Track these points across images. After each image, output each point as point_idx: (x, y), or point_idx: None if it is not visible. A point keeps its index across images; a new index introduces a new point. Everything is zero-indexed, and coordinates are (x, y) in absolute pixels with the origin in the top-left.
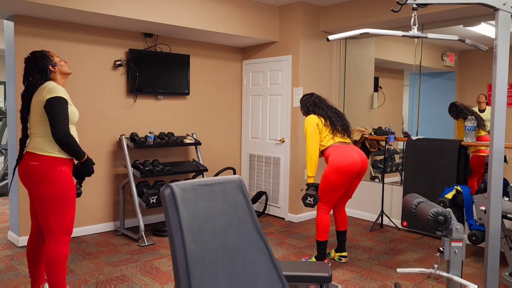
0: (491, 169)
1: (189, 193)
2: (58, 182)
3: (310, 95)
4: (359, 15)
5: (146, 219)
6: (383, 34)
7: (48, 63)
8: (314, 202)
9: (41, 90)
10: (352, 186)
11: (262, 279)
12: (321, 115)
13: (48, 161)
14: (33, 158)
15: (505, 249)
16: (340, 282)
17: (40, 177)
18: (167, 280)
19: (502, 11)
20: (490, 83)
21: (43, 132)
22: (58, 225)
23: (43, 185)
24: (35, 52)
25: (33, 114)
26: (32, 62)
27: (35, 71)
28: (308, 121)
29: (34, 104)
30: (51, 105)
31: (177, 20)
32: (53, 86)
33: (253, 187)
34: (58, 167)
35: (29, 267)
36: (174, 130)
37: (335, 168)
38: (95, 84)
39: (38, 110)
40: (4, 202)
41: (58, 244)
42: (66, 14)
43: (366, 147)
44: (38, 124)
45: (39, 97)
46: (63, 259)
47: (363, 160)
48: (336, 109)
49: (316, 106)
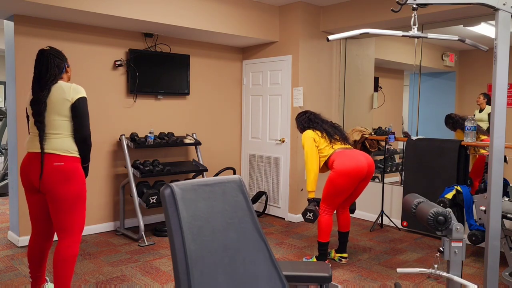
0: (491, 169)
1: (189, 193)
2: (80, 181)
3: (304, 112)
4: (359, 15)
5: (146, 219)
6: (383, 34)
7: (65, 63)
8: (314, 218)
9: (63, 89)
10: (358, 189)
11: (262, 279)
12: (317, 129)
13: (72, 161)
14: (57, 159)
15: (505, 249)
16: (340, 282)
17: (66, 176)
18: (167, 280)
19: (502, 11)
20: (490, 83)
21: (67, 132)
22: (77, 223)
23: (69, 184)
24: (54, 48)
25: (55, 114)
26: (54, 56)
27: (55, 65)
28: (305, 136)
29: (57, 103)
30: (80, 106)
31: (177, 20)
32: (77, 86)
33: (253, 187)
34: (79, 167)
35: (31, 268)
36: (174, 130)
37: (341, 172)
38: (95, 84)
39: (64, 110)
40: (4, 202)
41: (71, 243)
42: (66, 14)
43: (366, 147)
44: (62, 125)
45: (62, 96)
46: (73, 259)
47: (369, 163)
48: (332, 122)
49: (311, 122)
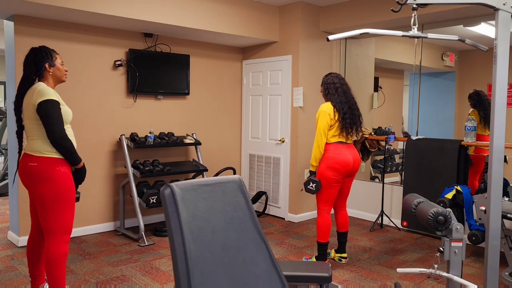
0: (491, 169)
1: (189, 193)
2: (58, 181)
3: (335, 77)
4: (359, 15)
5: (146, 219)
6: (383, 34)
7: (46, 61)
8: (315, 189)
9: (32, 92)
10: (345, 185)
11: (262, 279)
12: (337, 108)
13: (47, 162)
14: (31, 159)
15: (505, 249)
16: (340, 282)
17: (40, 177)
18: (167, 280)
19: (502, 11)
20: (490, 83)
21: (39, 135)
22: (58, 224)
23: (43, 184)
24: (43, 46)
25: (26, 117)
26: (33, 53)
27: (31, 62)
28: (324, 110)
29: (26, 108)
30: (43, 109)
31: (177, 20)
32: (42, 88)
33: (253, 187)
34: (57, 167)
35: (29, 266)
36: (174, 130)
37: (329, 166)
38: (95, 84)
39: (32, 114)
40: (4, 202)
41: (58, 243)
42: (66, 14)
43: (366, 147)
44: (33, 128)
45: (30, 100)
46: (62, 258)
47: (355, 159)
48: (354, 103)
49: (337, 94)
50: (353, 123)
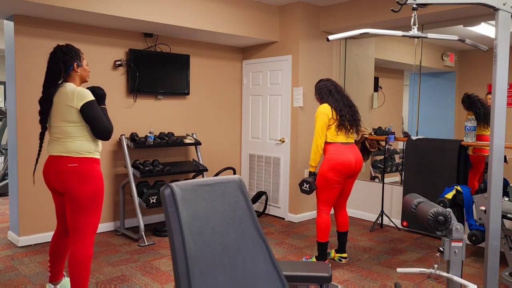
0: (491, 169)
1: (189, 193)
2: (96, 181)
3: (326, 81)
4: (359, 15)
5: (146, 219)
6: (383, 34)
7: (75, 60)
8: (309, 190)
9: (64, 94)
10: (347, 186)
11: (262, 279)
12: (334, 107)
13: (87, 162)
14: (70, 161)
15: (505, 249)
16: (340, 282)
17: (81, 177)
18: (167, 280)
19: (502, 11)
20: (490, 83)
21: (80, 136)
22: (88, 224)
23: (82, 185)
24: (70, 45)
25: (61, 120)
26: (62, 52)
27: (60, 61)
28: (321, 111)
29: (62, 110)
30: (87, 111)
31: (177, 20)
32: (80, 90)
33: (253, 187)
34: (96, 167)
35: (50, 262)
36: (174, 130)
37: (330, 167)
38: (95, 84)
39: (71, 116)
40: (4, 202)
41: (85, 244)
42: (66, 14)
43: (366, 147)
44: (71, 130)
45: (66, 101)
46: (88, 260)
47: (357, 160)
48: (349, 101)
49: (331, 95)
50: (352, 119)
